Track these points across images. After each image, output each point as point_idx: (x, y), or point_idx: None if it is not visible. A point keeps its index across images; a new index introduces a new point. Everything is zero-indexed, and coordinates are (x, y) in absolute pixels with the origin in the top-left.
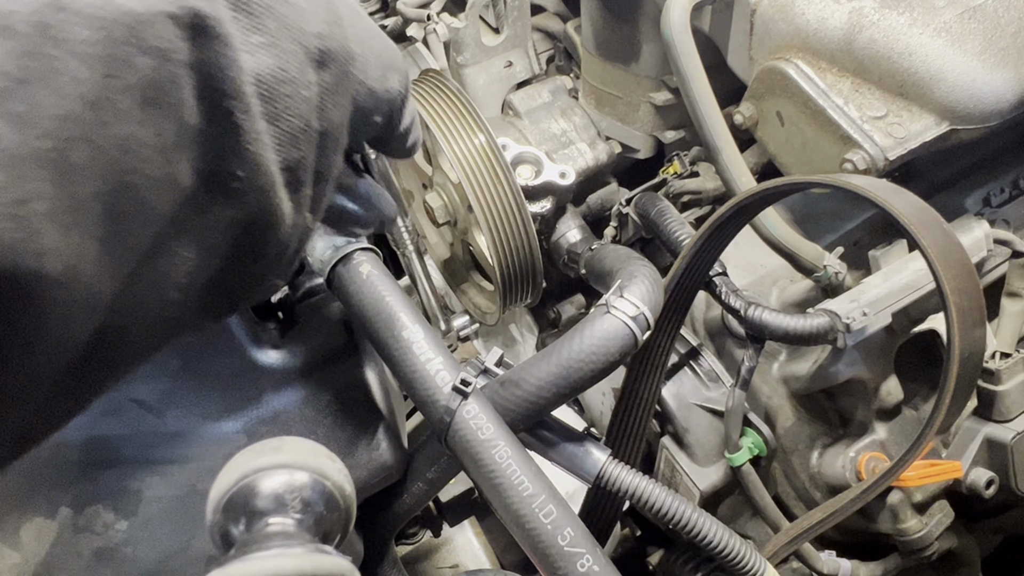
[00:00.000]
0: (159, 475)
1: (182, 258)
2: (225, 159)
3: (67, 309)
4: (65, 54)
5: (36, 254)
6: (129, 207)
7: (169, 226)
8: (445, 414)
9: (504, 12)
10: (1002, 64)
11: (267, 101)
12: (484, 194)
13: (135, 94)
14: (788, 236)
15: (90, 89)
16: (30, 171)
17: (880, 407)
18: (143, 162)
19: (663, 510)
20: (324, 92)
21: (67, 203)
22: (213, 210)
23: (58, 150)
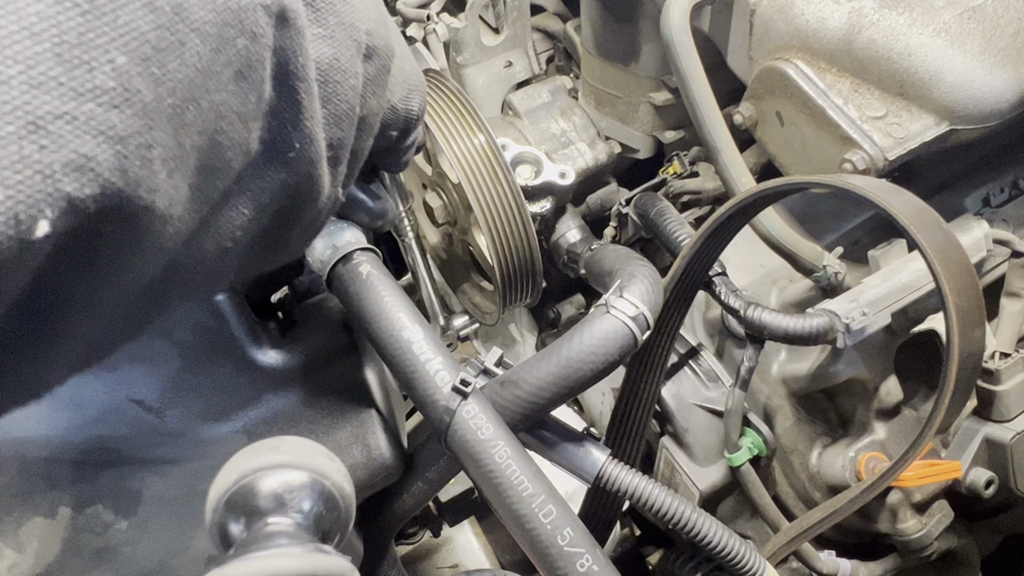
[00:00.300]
0: (159, 475)
1: (240, 213)
2: (286, 131)
3: (158, 240)
4: (190, 31)
5: (151, 190)
6: (214, 162)
7: (235, 184)
8: (445, 414)
9: (504, 12)
10: (1001, 64)
11: (323, 85)
12: (484, 194)
13: (233, 68)
14: (788, 236)
15: (203, 60)
16: (158, 122)
17: (879, 407)
18: (229, 125)
19: (663, 510)
20: (367, 82)
21: (176, 152)
22: (270, 174)
23: (177, 107)
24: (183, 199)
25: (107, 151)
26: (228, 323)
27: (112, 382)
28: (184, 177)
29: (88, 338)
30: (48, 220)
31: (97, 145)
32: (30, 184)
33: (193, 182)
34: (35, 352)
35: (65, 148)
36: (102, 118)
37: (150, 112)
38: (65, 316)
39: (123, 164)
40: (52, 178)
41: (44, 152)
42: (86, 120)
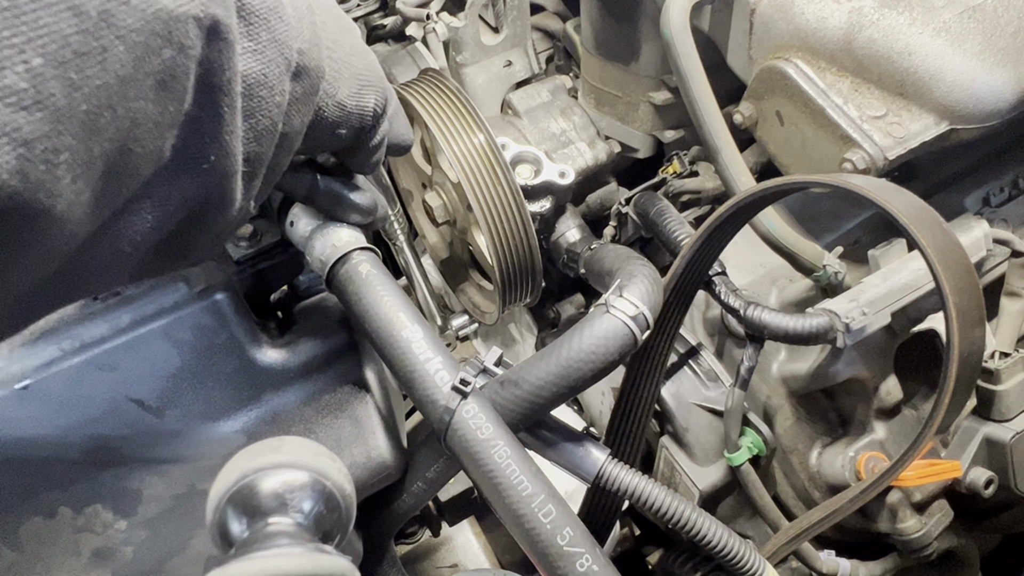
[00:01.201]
0: (158, 475)
1: (142, 219)
2: (203, 142)
3: (53, 242)
4: (115, 37)
5: (51, 194)
6: (122, 169)
7: (141, 190)
8: (444, 414)
9: (503, 11)
10: (1001, 64)
11: (247, 99)
12: (483, 193)
13: (155, 77)
14: (788, 235)
15: (125, 68)
16: (69, 127)
17: (879, 407)
18: (144, 133)
19: (662, 510)
20: (293, 100)
21: (84, 158)
22: (180, 183)
23: (91, 113)
24: (84, 203)
25: (9, 153)
26: (228, 323)
27: (111, 382)
28: (88, 183)
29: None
30: None
31: (1, 147)
32: None
33: (97, 187)
34: None
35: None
36: (7, 119)
37: (62, 117)
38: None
39: (24, 167)
40: None
41: None
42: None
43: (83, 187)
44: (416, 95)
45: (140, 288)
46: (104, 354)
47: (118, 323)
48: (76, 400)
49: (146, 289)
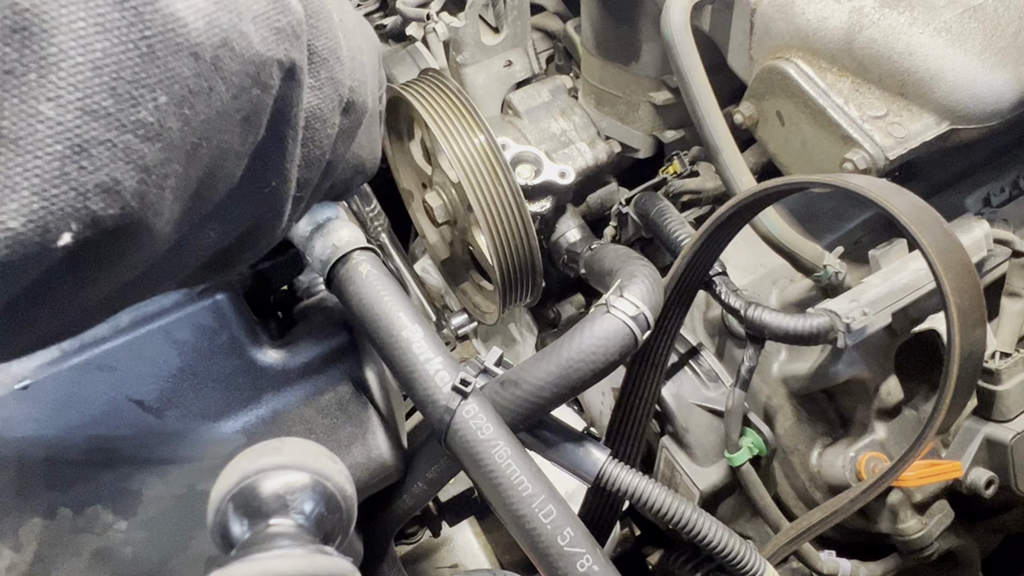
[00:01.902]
0: (158, 475)
1: (207, 236)
2: (267, 170)
3: (145, 253)
4: (220, 78)
5: (157, 213)
6: (205, 192)
7: (212, 210)
8: (445, 414)
9: (504, 11)
10: (1002, 64)
11: (305, 130)
12: (484, 194)
13: (243, 113)
14: (788, 236)
15: (224, 105)
16: (177, 156)
17: (880, 407)
18: (227, 162)
19: (663, 510)
20: (340, 132)
21: (184, 182)
22: (243, 206)
23: (194, 144)
24: (175, 221)
25: (134, 178)
26: (228, 323)
27: (112, 382)
28: (182, 204)
29: (44, 330)
30: (71, 233)
31: (127, 172)
32: (64, 199)
33: (186, 208)
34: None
35: (101, 171)
36: (137, 149)
37: (174, 147)
38: (38, 313)
39: (142, 191)
40: (84, 196)
41: (82, 172)
42: (123, 149)
43: (178, 208)
44: (416, 95)
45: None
46: (104, 354)
47: (118, 323)
48: (76, 400)
49: None
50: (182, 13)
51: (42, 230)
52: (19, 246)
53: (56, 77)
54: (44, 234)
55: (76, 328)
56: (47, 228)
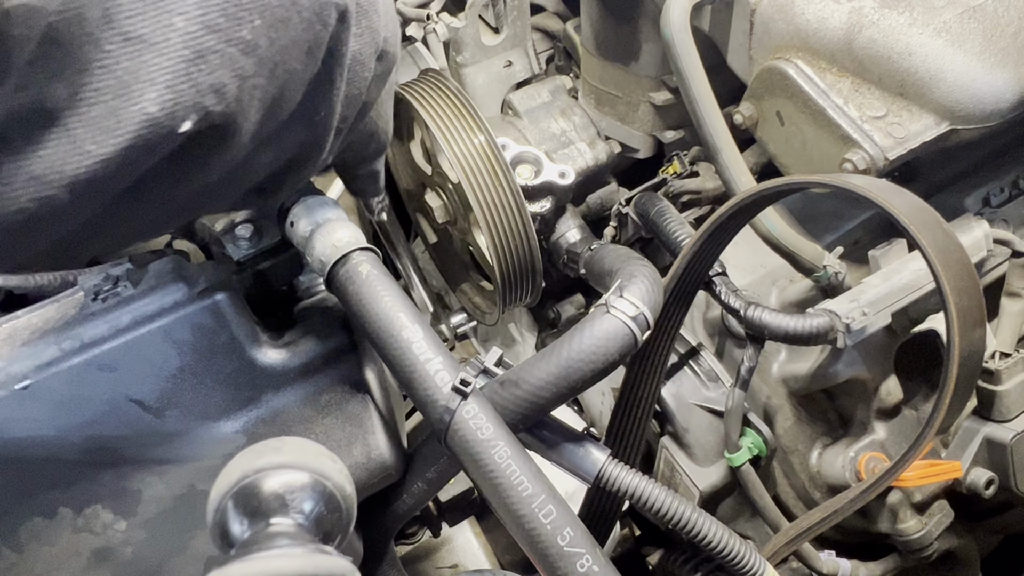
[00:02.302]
0: (158, 475)
1: (266, 154)
2: (318, 100)
3: (229, 156)
4: (296, 12)
5: (245, 118)
6: (275, 110)
7: (272, 134)
8: (444, 414)
9: (503, 12)
10: (1002, 64)
11: (348, 71)
12: (484, 194)
13: (308, 44)
14: (788, 236)
15: (297, 34)
16: (262, 71)
17: (880, 407)
18: (293, 85)
19: (662, 510)
20: (375, 77)
21: (263, 95)
22: (297, 130)
23: (275, 63)
24: (252, 130)
25: (235, 83)
26: (228, 323)
27: (112, 382)
28: (259, 115)
29: (140, 223)
30: (191, 121)
31: (231, 78)
32: (188, 94)
33: (261, 121)
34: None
35: (214, 74)
36: (239, 60)
37: (263, 63)
38: (146, 199)
39: (240, 95)
40: (201, 93)
41: (201, 73)
42: (230, 58)
43: (257, 116)
44: (416, 95)
45: (140, 288)
46: (104, 354)
47: (118, 323)
48: (76, 400)
49: (146, 289)
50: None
51: (170, 116)
52: (155, 127)
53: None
54: (172, 120)
55: (159, 228)
56: (174, 115)
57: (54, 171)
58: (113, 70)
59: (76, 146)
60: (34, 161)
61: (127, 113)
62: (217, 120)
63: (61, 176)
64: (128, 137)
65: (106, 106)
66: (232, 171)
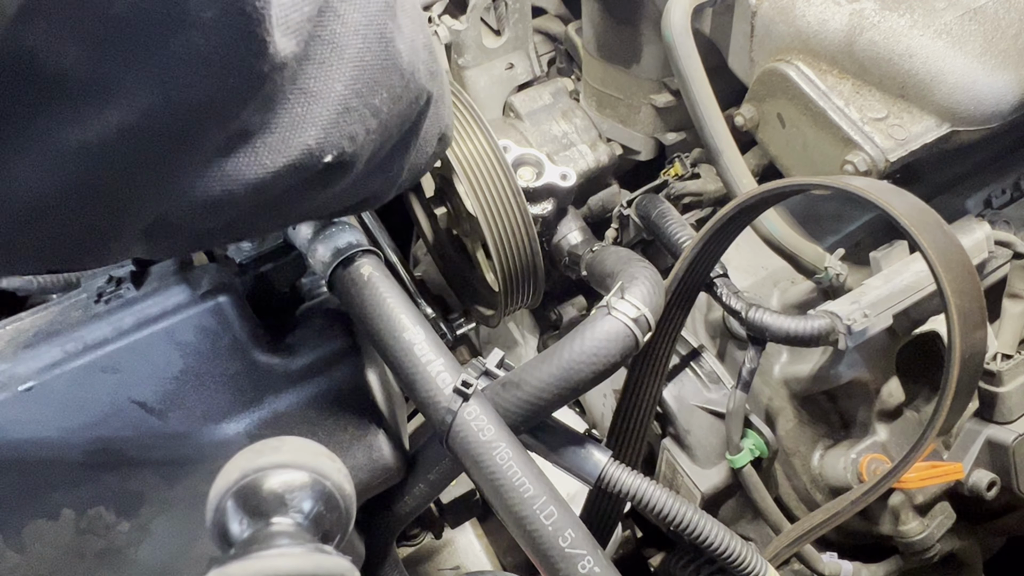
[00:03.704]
0: (161, 476)
1: (354, 197)
2: (394, 162)
3: (341, 187)
4: (407, 92)
5: (360, 162)
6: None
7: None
8: (446, 415)
9: (505, 14)
10: (1003, 66)
11: (419, 146)
12: (485, 196)
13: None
14: (789, 238)
15: (402, 109)
16: (379, 131)
17: (881, 409)
18: (387, 146)
19: (664, 512)
20: (434, 154)
21: (373, 149)
22: (375, 181)
23: (386, 127)
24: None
25: (363, 135)
26: (230, 325)
27: (115, 384)
28: (366, 163)
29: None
30: (331, 155)
31: (360, 130)
32: (333, 136)
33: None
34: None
35: (352, 126)
36: (368, 119)
37: (381, 124)
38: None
39: (364, 143)
40: (343, 137)
41: (345, 124)
42: (363, 117)
43: (364, 162)
44: None
45: (143, 290)
46: (107, 356)
47: (121, 325)
48: (79, 402)
49: (149, 291)
50: (400, 50)
51: (320, 149)
52: (308, 155)
53: (344, 69)
54: (321, 152)
55: (284, 223)
56: (323, 149)
57: (239, 173)
58: (290, 112)
59: (257, 160)
60: (231, 165)
61: (294, 142)
62: (346, 159)
63: (242, 178)
64: (290, 159)
65: (280, 135)
66: (335, 200)
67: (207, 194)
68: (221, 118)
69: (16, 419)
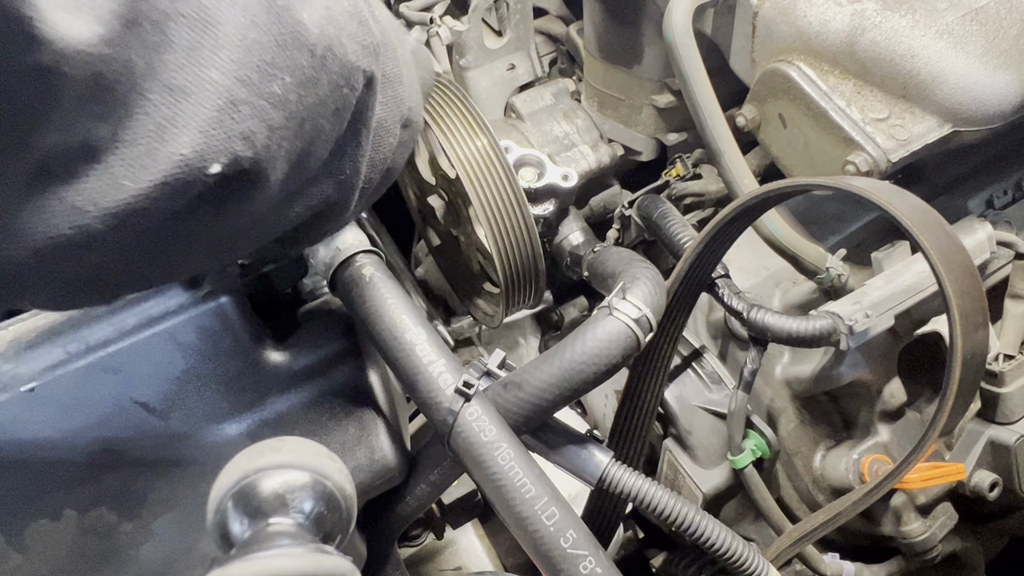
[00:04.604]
0: (163, 477)
1: (294, 211)
2: (344, 160)
3: (256, 206)
4: (325, 74)
5: (273, 167)
6: (302, 165)
7: (299, 187)
8: (448, 416)
9: (507, 15)
10: (1004, 66)
11: (374, 136)
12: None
13: (335, 104)
14: (791, 238)
15: (324, 94)
16: (290, 124)
17: (883, 409)
18: (319, 143)
19: (665, 512)
20: (399, 144)
21: (291, 148)
22: (323, 187)
23: (302, 119)
24: (280, 181)
25: (263, 133)
26: (232, 326)
27: (117, 385)
28: (288, 166)
29: (166, 265)
30: (220, 164)
31: (260, 127)
32: (218, 139)
33: (289, 173)
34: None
35: (243, 123)
36: (268, 112)
37: (291, 117)
38: (183, 238)
39: (268, 144)
40: (231, 139)
41: (232, 122)
42: (260, 110)
43: (285, 168)
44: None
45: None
46: (109, 357)
47: (123, 326)
48: (82, 403)
49: (151, 292)
50: (305, 20)
51: (201, 158)
52: (186, 167)
53: (222, 53)
54: (202, 161)
55: (188, 269)
56: (204, 158)
57: (92, 202)
58: (153, 115)
59: (114, 181)
60: (74, 192)
61: (162, 154)
62: (246, 166)
63: (97, 207)
64: (161, 175)
65: (143, 147)
66: (261, 220)
67: (50, 233)
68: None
69: (18, 419)
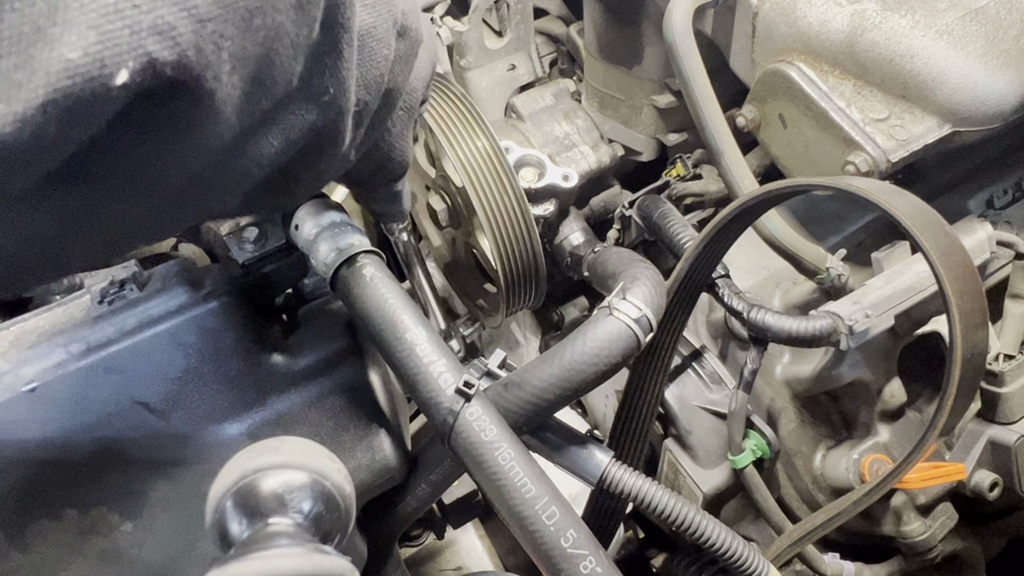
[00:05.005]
0: (164, 477)
1: (269, 144)
2: (324, 75)
3: (206, 135)
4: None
5: (215, 78)
6: (264, 77)
7: (273, 111)
8: (448, 416)
9: (507, 15)
10: (1004, 66)
11: (360, 49)
12: (487, 197)
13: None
14: (791, 238)
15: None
16: (231, 18)
17: (883, 409)
18: (283, 47)
19: (666, 512)
20: (397, 58)
21: (240, 52)
22: (302, 112)
23: (248, 11)
24: (235, 101)
25: (188, 26)
26: (233, 326)
27: (118, 385)
28: (241, 80)
29: (112, 225)
30: (128, 71)
31: (181, 18)
32: (119, 35)
33: (246, 89)
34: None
35: (154, 12)
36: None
37: (228, 6)
38: (109, 187)
39: (199, 43)
40: (138, 35)
41: (136, 10)
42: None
43: (237, 82)
44: None
45: (146, 291)
46: (110, 357)
47: (124, 326)
48: (82, 402)
49: (152, 292)
50: None
51: (99, 63)
52: (79, 77)
53: None
54: (101, 68)
55: (130, 238)
56: (103, 62)
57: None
58: (27, 13)
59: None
60: None
61: (40, 61)
62: (171, 74)
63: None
64: (45, 90)
65: (18, 56)
66: (223, 155)
67: None
68: None
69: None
